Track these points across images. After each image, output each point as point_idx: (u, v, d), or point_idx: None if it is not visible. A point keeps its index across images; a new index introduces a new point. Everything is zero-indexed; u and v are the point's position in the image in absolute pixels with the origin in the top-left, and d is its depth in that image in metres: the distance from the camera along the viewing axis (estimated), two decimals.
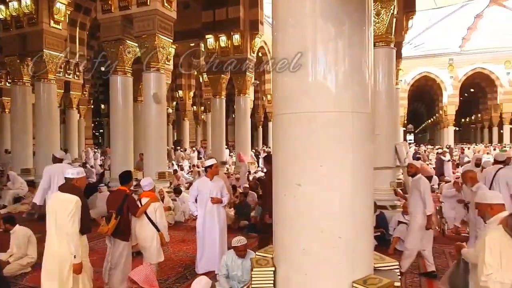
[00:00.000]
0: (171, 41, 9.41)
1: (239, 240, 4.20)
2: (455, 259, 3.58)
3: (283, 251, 2.42)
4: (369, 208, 2.35)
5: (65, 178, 3.52)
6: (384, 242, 6.33)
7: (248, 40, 13.27)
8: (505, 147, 24.11)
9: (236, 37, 12.94)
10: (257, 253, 2.81)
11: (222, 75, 13.56)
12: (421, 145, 32.07)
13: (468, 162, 13.42)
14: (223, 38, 13.07)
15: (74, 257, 3.20)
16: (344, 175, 2.21)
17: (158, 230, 4.44)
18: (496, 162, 6.13)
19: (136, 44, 9.38)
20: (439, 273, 5.00)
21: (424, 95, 37.13)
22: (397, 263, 2.48)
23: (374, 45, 7.20)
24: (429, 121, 43.38)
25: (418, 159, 15.30)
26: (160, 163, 9.31)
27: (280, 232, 2.45)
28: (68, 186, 3.45)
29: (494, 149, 23.26)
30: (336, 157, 2.21)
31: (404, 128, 34.18)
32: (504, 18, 22.37)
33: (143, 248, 4.53)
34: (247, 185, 9.18)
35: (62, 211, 3.26)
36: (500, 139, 29.90)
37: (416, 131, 57.89)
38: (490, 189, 5.52)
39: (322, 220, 2.22)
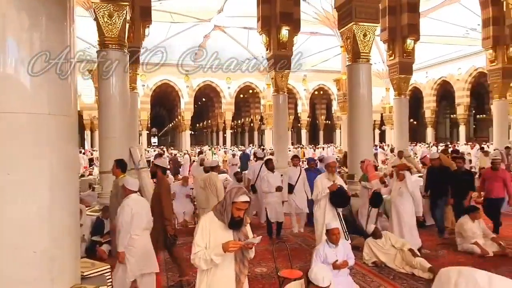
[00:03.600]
0: None
1: None
2: None
3: None
4: (73, 215, 2.24)
5: None
6: None
7: None
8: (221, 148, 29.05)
9: None
10: None
11: None
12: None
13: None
14: None
15: None
16: (40, 183, 2.01)
17: None
18: (257, 158, 8.76)
19: None
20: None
21: (165, 100, 39.70)
22: (108, 267, 2.48)
23: (107, 47, 7.23)
24: (170, 125, 46.75)
25: (161, 155, 16.38)
26: None
27: None
28: None
29: (220, 150, 27.65)
30: (30, 163, 1.98)
31: (148, 132, 35.48)
32: (225, 41, 27.05)
33: None
34: None
35: None
36: (224, 142, 35.79)
37: (159, 134, 61.08)
38: (256, 179, 7.83)
39: (13, 235, 1.94)
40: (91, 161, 19.42)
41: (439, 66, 29.91)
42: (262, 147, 26.86)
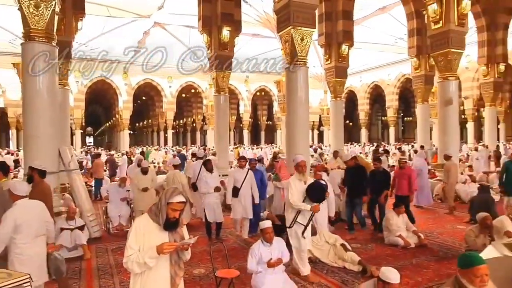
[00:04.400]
0: None
1: None
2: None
3: None
4: None
5: None
6: None
7: None
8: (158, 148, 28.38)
9: None
10: None
11: None
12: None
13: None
14: None
15: None
16: None
17: None
18: (197, 158, 8.72)
19: None
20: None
21: (102, 98, 37.75)
22: (28, 276, 2.32)
23: (33, 40, 6.70)
24: (108, 124, 44.54)
25: (99, 155, 15.63)
26: None
27: None
28: None
29: (160, 150, 26.91)
30: None
31: (82, 131, 33.47)
32: (166, 39, 26.36)
33: None
34: None
35: None
36: (166, 142, 34.88)
37: (95, 134, 57.91)
38: (197, 178, 7.29)
39: None
40: (16, 162, 17.84)
41: (372, 71, 31.98)
42: (203, 147, 26.66)
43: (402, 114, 38.38)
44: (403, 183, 7.61)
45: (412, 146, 22.94)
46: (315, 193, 4.94)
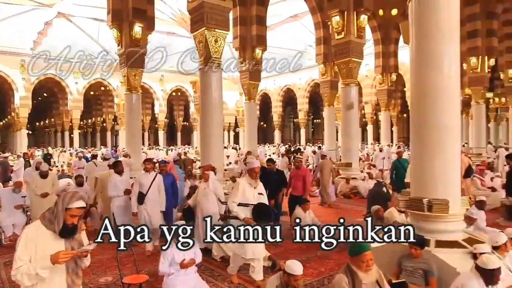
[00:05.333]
0: None
1: None
2: None
3: None
4: None
5: None
6: None
7: None
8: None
9: None
10: None
11: None
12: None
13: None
14: None
15: None
16: None
17: None
18: (105, 160, 8.69)
19: None
20: None
21: None
22: None
23: None
24: (1, 123, 39.41)
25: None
26: None
27: None
28: None
29: (66, 152, 24.75)
30: None
31: None
32: (71, 31, 24.24)
33: None
34: None
35: None
36: (71, 143, 32.12)
37: None
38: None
39: None
40: None
41: (285, 75, 33.45)
42: (114, 148, 25.22)
43: (312, 117, 40.90)
44: (298, 184, 7.84)
45: (306, 147, 24.56)
46: (261, 217, 4.84)
